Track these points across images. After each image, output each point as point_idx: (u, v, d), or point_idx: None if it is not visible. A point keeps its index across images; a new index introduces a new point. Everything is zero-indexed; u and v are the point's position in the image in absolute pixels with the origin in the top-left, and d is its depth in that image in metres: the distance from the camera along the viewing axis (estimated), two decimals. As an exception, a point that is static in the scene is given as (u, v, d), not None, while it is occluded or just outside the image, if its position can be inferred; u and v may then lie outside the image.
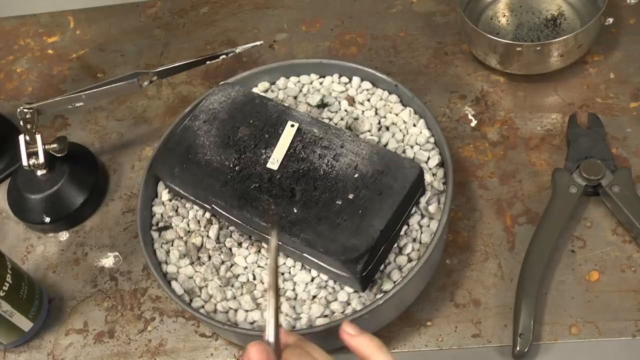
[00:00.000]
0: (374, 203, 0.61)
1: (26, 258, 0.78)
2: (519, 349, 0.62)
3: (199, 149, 0.68)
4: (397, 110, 0.72)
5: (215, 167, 0.66)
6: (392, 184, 0.62)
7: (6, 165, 0.86)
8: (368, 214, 0.60)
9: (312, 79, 0.77)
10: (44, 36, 1.00)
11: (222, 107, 0.70)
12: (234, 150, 0.66)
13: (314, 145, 0.65)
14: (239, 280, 0.65)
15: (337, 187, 0.63)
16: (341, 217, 0.61)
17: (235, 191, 0.64)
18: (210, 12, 0.97)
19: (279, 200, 0.63)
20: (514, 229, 0.70)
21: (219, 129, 0.68)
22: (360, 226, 0.60)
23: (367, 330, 0.49)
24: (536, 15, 0.84)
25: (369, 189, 0.62)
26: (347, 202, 0.61)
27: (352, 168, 0.63)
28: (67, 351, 0.71)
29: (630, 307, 0.64)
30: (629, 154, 0.73)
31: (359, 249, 0.59)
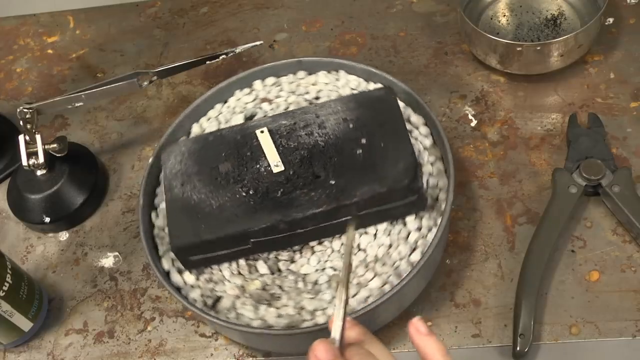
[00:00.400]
0: (385, 133, 0.64)
1: (26, 258, 0.78)
2: (519, 349, 0.62)
3: (201, 205, 0.63)
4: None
5: (230, 206, 0.63)
6: (382, 111, 0.66)
7: (6, 165, 0.86)
8: (389, 143, 0.64)
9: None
10: (44, 36, 1.00)
11: (185, 163, 0.66)
12: (233, 183, 0.64)
13: (295, 132, 0.66)
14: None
15: (345, 144, 0.65)
16: (371, 159, 0.63)
17: (268, 208, 0.62)
18: (210, 12, 0.97)
19: (312, 187, 0.63)
20: (514, 229, 0.70)
21: (201, 181, 0.65)
22: (391, 154, 0.63)
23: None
24: (536, 15, 0.83)
25: (371, 126, 0.65)
26: (364, 146, 0.64)
27: (342, 123, 0.66)
28: (67, 351, 0.71)
29: (630, 307, 0.64)
30: (629, 154, 0.73)
31: (409, 167, 0.62)
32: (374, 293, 0.61)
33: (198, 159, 0.67)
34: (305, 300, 0.62)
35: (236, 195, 0.63)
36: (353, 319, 0.49)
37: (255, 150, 0.66)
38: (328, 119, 0.67)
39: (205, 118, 0.75)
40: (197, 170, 0.66)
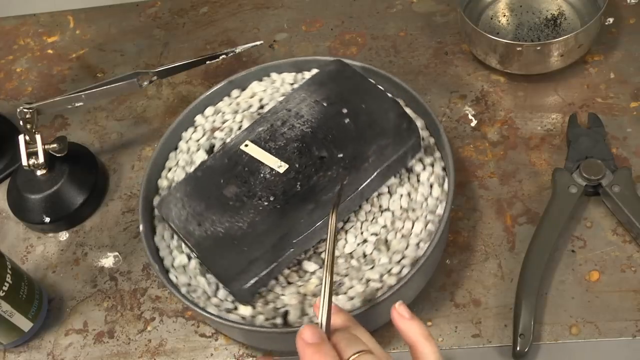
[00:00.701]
0: (360, 96, 0.67)
1: (26, 258, 0.78)
2: (519, 349, 0.62)
3: (231, 232, 0.61)
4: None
5: (261, 219, 0.62)
6: (345, 80, 0.68)
7: (6, 165, 0.86)
8: (368, 103, 0.66)
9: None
10: (44, 36, 1.00)
11: (189, 205, 0.64)
12: (248, 199, 0.63)
13: (277, 132, 0.67)
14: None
15: (330, 121, 0.66)
16: (362, 122, 0.65)
17: (296, 204, 0.62)
18: (210, 12, 0.97)
19: (325, 168, 0.63)
20: (514, 229, 0.70)
21: (216, 213, 0.63)
22: (377, 110, 0.65)
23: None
24: (536, 15, 0.83)
25: (344, 96, 0.67)
26: (349, 115, 0.66)
27: (316, 105, 0.67)
28: (66, 351, 0.71)
29: (630, 307, 0.64)
30: (629, 154, 0.73)
31: (400, 113, 0.65)
32: (423, 238, 0.63)
33: (199, 196, 0.64)
34: (367, 272, 0.62)
35: (259, 208, 0.62)
36: (337, 306, 0.49)
37: (250, 164, 0.65)
38: (301, 108, 0.68)
39: (165, 171, 0.72)
40: (205, 206, 0.63)
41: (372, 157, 0.64)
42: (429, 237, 0.63)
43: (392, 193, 0.67)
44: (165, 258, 0.67)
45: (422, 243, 0.63)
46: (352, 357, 0.44)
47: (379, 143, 0.64)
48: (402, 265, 0.62)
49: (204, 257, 0.61)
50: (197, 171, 0.66)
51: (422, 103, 0.70)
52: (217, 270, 0.61)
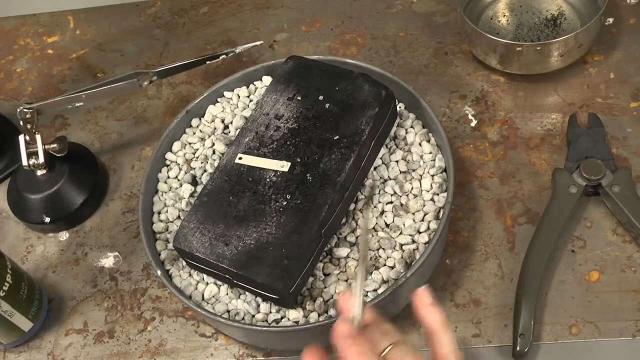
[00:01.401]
0: (327, 80, 0.69)
1: (26, 258, 0.78)
2: (519, 349, 0.62)
3: (264, 241, 0.61)
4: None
5: (286, 219, 0.61)
6: (304, 72, 0.70)
7: (6, 165, 0.86)
8: (339, 82, 0.68)
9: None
10: (44, 36, 1.00)
11: (208, 231, 0.63)
12: (266, 205, 0.63)
13: (264, 137, 0.67)
14: None
15: (311, 111, 0.67)
16: (343, 101, 0.67)
17: (315, 194, 0.62)
18: (210, 12, 0.97)
19: (327, 152, 0.64)
20: (514, 229, 0.70)
21: (238, 229, 0.62)
22: (352, 86, 0.68)
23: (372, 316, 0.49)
24: (536, 15, 0.83)
25: (311, 85, 0.69)
26: (327, 99, 0.68)
27: (291, 102, 0.68)
28: (67, 351, 0.71)
29: (630, 307, 0.64)
30: (629, 154, 0.73)
31: (373, 82, 0.68)
32: (435, 191, 0.66)
33: (215, 219, 0.63)
34: (397, 239, 0.64)
35: (280, 209, 0.62)
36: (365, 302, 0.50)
37: (251, 174, 0.65)
38: (278, 109, 0.68)
39: (156, 216, 0.70)
40: (225, 226, 0.62)
41: (365, 129, 0.65)
42: (440, 189, 0.66)
43: (386, 163, 0.68)
44: (193, 294, 0.65)
45: (436, 196, 0.66)
46: (386, 348, 0.45)
47: (365, 115, 0.66)
48: (427, 221, 0.65)
49: (243, 273, 0.60)
50: (201, 197, 0.65)
51: (422, 103, 0.70)
52: (262, 281, 0.59)
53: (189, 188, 0.71)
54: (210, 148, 0.73)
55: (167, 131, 0.74)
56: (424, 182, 0.67)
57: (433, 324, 0.47)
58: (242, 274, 0.60)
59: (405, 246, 0.64)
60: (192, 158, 0.73)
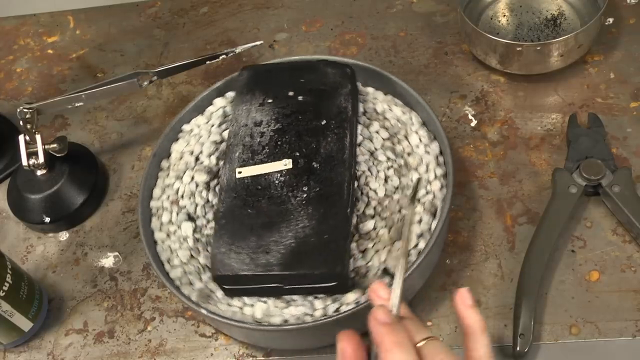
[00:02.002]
0: (302, 72, 0.71)
1: (26, 258, 0.78)
2: (519, 349, 0.62)
3: (302, 237, 0.61)
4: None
5: (313, 210, 0.62)
6: (264, 75, 0.72)
7: (6, 165, 0.86)
8: (304, 75, 0.70)
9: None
10: (44, 36, 1.00)
11: (242, 248, 0.61)
12: (286, 205, 0.63)
13: (252, 146, 0.67)
14: None
15: (289, 108, 0.68)
16: (318, 90, 0.69)
17: (332, 179, 0.63)
18: (210, 12, 0.97)
19: (323, 138, 0.65)
20: (514, 229, 0.70)
21: (274, 234, 0.61)
22: (320, 77, 0.70)
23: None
24: (536, 15, 0.83)
25: (277, 85, 0.70)
26: (300, 93, 0.69)
27: (263, 107, 0.69)
28: (67, 351, 0.71)
29: (630, 307, 0.64)
30: (629, 154, 0.73)
31: (338, 64, 0.71)
32: (426, 142, 0.68)
33: (244, 235, 0.62)
34: (416, 207, 0.66)
35: (303, 202, 0.62)
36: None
37: (258, 182, 0.65)
38: (254, 117, 0.69)
39: (167, 265, 0.67)
40: (257, 237, 0.61)
41: (347, 105, 0.67)
42: (430, 140, 0.69)
43: (367, 137, 0.69)
44: (244, 318, 0.62)
45: (428, 147, 0.68)
46: (422, 341, 0.45)
47: (341, 94, 0.68)
48: (432, 169, 0.67)
49: (298, 272, 0.59)
50: (219, 222, 0.63)
51: (422, 103, 0.70)
52: (320, 271, 0.59)
53: (189, 226, 0.67)
54: (192, 182, 0.69)
55: (142, 181, 0.70)
56: (412, 139, 0.69)
57: (474, 325, 0.47)
58: (297, 273, 0.60)
59: (423, 198, 0.65)
60: (176, 198, 0.69)
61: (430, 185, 0.66)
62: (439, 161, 0.68)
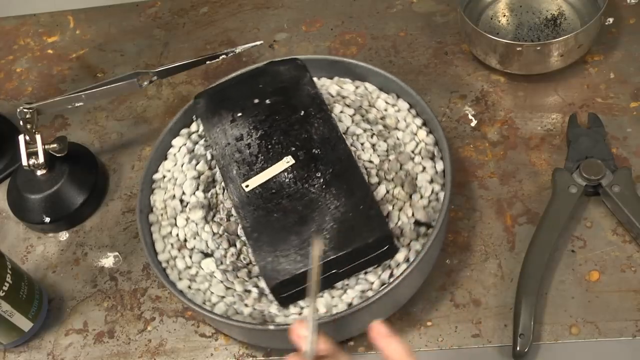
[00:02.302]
0: (258, 79, 0.72)
1: (26, 258, 0.78)
2: (519, 349, 0.62)
3: (339, 217, 0.62)
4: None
5: (336, 190, 0.63)
6: (232, 88, 0.73)
7: (6, 165, 0.86)
8: (268, 75, 0.72)
9: None
10: (44, 36, 1.00)
11: (288, 250, 0.62)
12: (309, 195, 0.64)
13: (249, 156, 0.68)
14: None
15: (262, 112, 0.70)
16: (289, 86, 0.71)
17: (339, 159, 0.65)
18: (210, 12, 0.97)
19: (309, 127, 0.67)
20: (514, 229, 0.70)
21: (313, 224, 0.62)
22: (284, 69, 0.72)
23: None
24: (536, 15, 0.83)
25: (248, 92, 0.71)
26: (266, 96, 0.70)
27: (236, 120, 0.70)
28: (67, 351, 0.71)
29: (630, 307, 0.64)
30: (629, 154, 0.73)
31: (303, 62, 0.73)
32: (410, 122, 0.71)
33: (283, 238, 0.62)
34: (407, 147, 0.69)
35: (323, 187, 0.64)
36: (322, 334, 0.49)
37: (269, 187, 0.65)
38: (232, 133, 0.69)
39: (211, 303, 0.65)
40: (296, 235, 0.62)
41: (315, 91, 0.70)
42: (393, 99, 0.72)
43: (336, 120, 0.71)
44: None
45: (396, 105, 0.72)
46: None
47: (304, 84, 0.70)
48: (411, 122, 0.70)
49: (353, 247, 0.60)
50: (251, 237, 0.63)
51: (422, 103, 0.70)
52: (374, 238, 0.60)
53: (209, 262, 0.66)
54: (190, 223, 0.68)
55: (144, 245, 0.67)
56: (379, 104, 0.72)
57: (394, 352, 0.46)
58: (352, 248, 0.60)
59: (417, 148, 0.68)
60: (181, 244, 0.68)
61: (417, 136, 0.70)
62: (413, 113, 0.71)
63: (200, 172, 0.71)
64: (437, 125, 0.68)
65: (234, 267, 0.65)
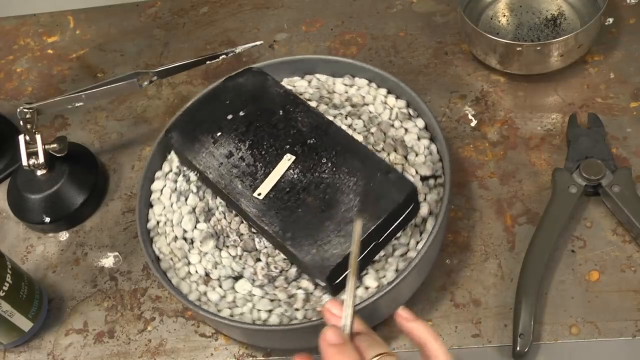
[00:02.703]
0: (222, 98, 0.71)
1: (26, 258, 0.78)
2: (519, 349, 0.62)
3: (364, 187, 0.63)
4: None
5: (349, 165, 0.64)
6: (201, 113, 0.72)
7: (6, 165, 0.86)
8: (232, 90, 0.71)
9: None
10: (44, 36, 1.00)
11: (329, 235, 0.61)
12: (322, 184, 0.64)
13: (248, 165, 0.66)
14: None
15: (241, 122, 0.69)
16: (257, 92, 0.71)
17: (341, 138, 0.66)
18: (210, 12, 0.97)
19: (294, 121, 0.68)
20: (514, 229, 0.70)
21: (342, 207, 0.62)
22: (248, 78, 0.72)
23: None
24: (536, 15, 0.83)
25: (223, 111, 0.70)
26: (239, 107, 0.70)
27: (216, 136, 0.69)
28: (67, 351, 0.71)
29: (630, 307, 0.64)
30: (629, 154, 0.73)
31: (261, 70, 0.75)
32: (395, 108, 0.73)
33: (317, 227, 0.62)
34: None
35: (334, 169, 0.64)
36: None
37: (281, 187, 0.64)
38: (220, 154, 0.67)
39: (266, 321, 0.64)
40: (328, 219, 0.62)
41: (284, 89, 0.70)
42: (351, 80, 0.75)
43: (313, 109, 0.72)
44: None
45: (354, 85, 0.74)
46: (375, 357, 0.44)
47: (273, 86, 0.71)
48: (378, 95, 0.73)
49: (388, 213, 0.61)
50: (286, 236, 0.62)
51: (421, 103, 0.70)
52: (401, 199, 0.61)
53: (243, 282, 0.65)
54: (205, 255, 0.67)
55: (168, 286, 0.65)
56: (337, 88, 0.74)
57: (422, 336, 0.47)
58: (387, 214, 0.61)
59: (394, 110, 0.72)
60: (206, 278, 0.66)
61: (387, 104, 0.72)
62: (374, 85, 0.74)
63: (193, 205, 0.69)
64: (435, 126, 0.68)
65: (269, 278, 0.64)
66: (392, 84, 0.73)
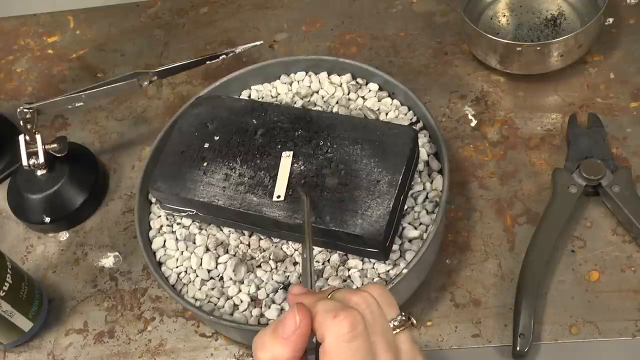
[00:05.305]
0: (191, 123, 0.71)
1: (26, 258, 0.78)
2: (519, 349, 0.62)
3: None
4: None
5: (359, 150, 0.65)
6: (178, 144, 0.70)
7: (6, 165, 0.86)
8: (203, 113, 0.71)
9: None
10: (44, 36, 1.00)
11: (374, 204, 0.62)
12: (339, 166, 0.64)
13: (253, 173, 0.66)
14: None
15: (221, 137, 0.69)
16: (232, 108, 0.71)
17: (333, 118, 0.68)
18: (210, 12, 0.97)
19: (276, 115, 0.69)
20: (514, 229, 0.70)
21: (373, 178, 0.63)
22: (232, 103, 0.72)
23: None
24: (536, 15, 0.84)
25: (203, 134, 0.70)
26: (213, 126, 0.70)
27: (203, 155, 0.68)
28: (67, 351, 0.71)
29: (630, 307, 0.64)
30: (629, 154, 0.73)
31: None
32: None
33: (354, 201, 0.62)
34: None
35: (341, 150, 0.65)
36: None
37: (296, 182, 0.63)
38: (218, 179, 0.65)
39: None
40: (364, 192, 0.62)
41: (244, 102, 0.71)
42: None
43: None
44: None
45: (316, 76, 0.76)
46: (331, 293, 0.45)
47: (233, 105, 0.71)
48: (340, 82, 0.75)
49: (404, 168, 0.63)
50: (325, 219, 0.61)
51: (420, 104, 0.70)
52: (414, 150, 0.65)
53: (294, 288, 0.64)
54: (242, 282, 0.65)
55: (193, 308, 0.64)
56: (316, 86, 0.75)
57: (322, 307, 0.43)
58: (407, 161, 0.63)
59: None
60: (254, 302, 0.64)
61: (330, 78, 0.75)
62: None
63: (204, 244, 0.67)
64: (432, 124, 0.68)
65: (317, 274, 0.64)
66: (391, 84, 0.73)
